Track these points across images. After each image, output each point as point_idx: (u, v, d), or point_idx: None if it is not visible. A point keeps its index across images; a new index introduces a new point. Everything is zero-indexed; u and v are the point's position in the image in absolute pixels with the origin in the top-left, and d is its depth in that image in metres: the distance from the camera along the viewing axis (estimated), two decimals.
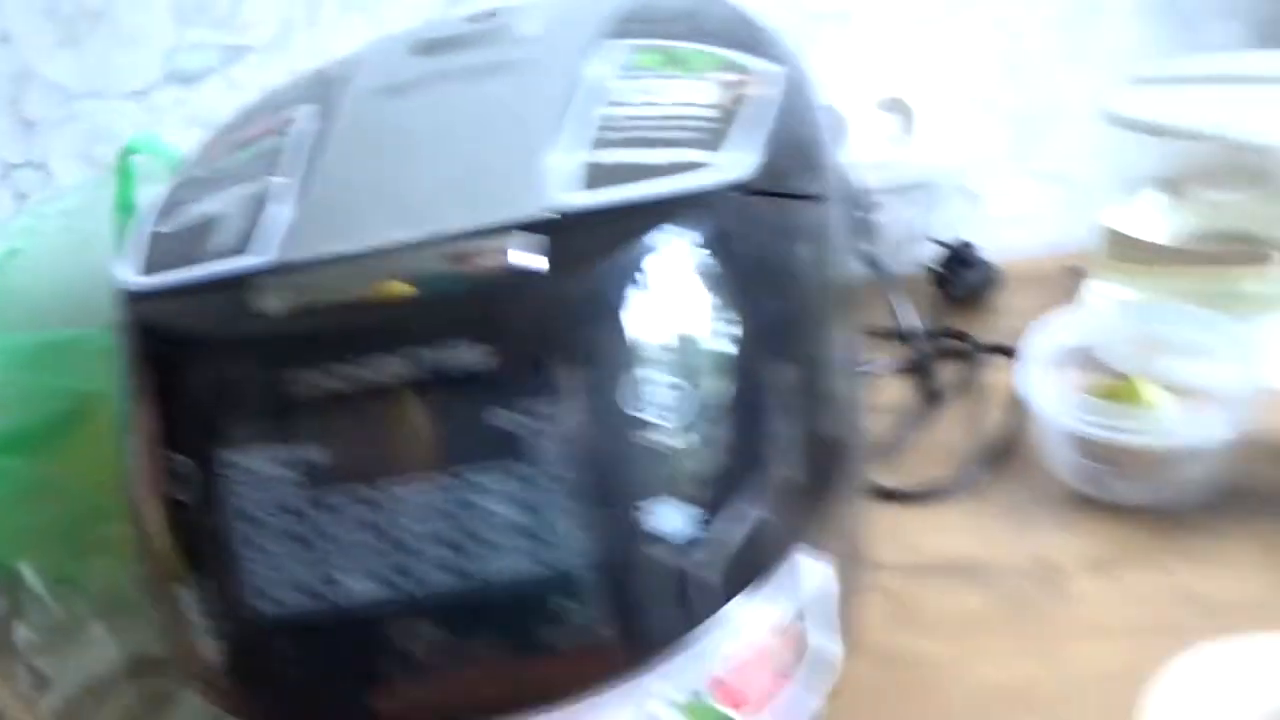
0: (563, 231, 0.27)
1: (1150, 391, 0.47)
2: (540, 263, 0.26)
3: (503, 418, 0.26)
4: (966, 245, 0.69)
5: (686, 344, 0.27)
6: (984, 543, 0.48)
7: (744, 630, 0.29)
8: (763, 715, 0.30)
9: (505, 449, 0.26)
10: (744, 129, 0.30)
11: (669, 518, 0.27)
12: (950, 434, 0.55)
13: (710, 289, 0.27)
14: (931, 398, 0.57)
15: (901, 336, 0.56)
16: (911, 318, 0.54)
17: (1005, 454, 0.52)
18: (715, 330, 0.27)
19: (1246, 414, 0.46)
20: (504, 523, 0.27)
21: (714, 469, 0.27)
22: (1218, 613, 0.41)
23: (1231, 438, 0.45)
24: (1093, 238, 0.60)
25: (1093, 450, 0.48)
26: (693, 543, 0.27)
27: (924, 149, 0.69)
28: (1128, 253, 0.57)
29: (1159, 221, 0.58)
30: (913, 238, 0.73)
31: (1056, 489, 0.50)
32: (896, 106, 0.68)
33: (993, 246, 0.72)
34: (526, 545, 0.27)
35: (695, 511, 0.27)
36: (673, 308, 0.27)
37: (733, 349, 0.27)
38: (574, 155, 0.29)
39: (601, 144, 0.30)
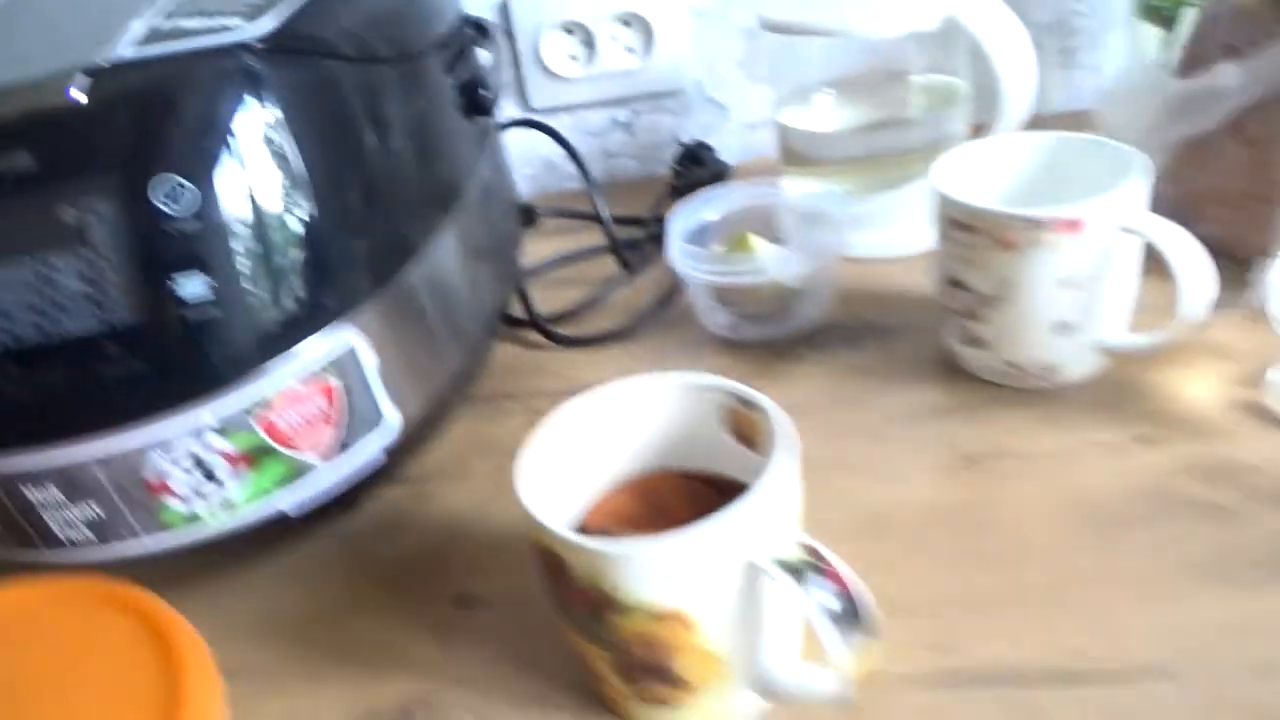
0: (111, 74, 0.36)
1: (755, 242, 0.57)
2: (83, 97, 0.35)
3: (67, 213, 0.36)
4: (702, 147, 0.78)
5: (202, 154, 0.36)
6: (624, 375, 0.58)
7: (276, 377, 0.38)
8: (310, 453, 0.40)
9: (71, 237, 0.36)
10: (284, 5, 0.39)
11: (193, 287, 0.36)
12: (638, 298, 0.65)
13: (222, 116, 0.37)
14: (625, 270, 0.67)
15: (598, 220, 0.66)
16: (604, 207, 0.65)
17: (666, 309, 0.62)
18: (225, 144, 0.37)
19: (823, 262, 0.56)
20: (74, 293, 0.36)
21: (231, 251, 0.37)
22: None
23: (810, 276, 0.55)
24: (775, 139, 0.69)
25: (721, 297, 0.58)
26: (216, 305, 0.37)
27: (665, 60, 0.78)
28: (796, 152, 0.67)
29: (827, 119, 0.67)
30: (667, 141, 0.83)
31: (699, 334, 0.60)
32: (635, 20, 0.77)
33: (739, 149, 0.82)
34: (91, 310, 0.36)
35: (213, 281, 0.36)
36: (191, 130, 0.36)
37: (241, 158, 0.37)
38: (148, 22, 0.38)
39: (172, 15, 0.39)
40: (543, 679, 0.40)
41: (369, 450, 0.42)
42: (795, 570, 0.30)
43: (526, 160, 0.85)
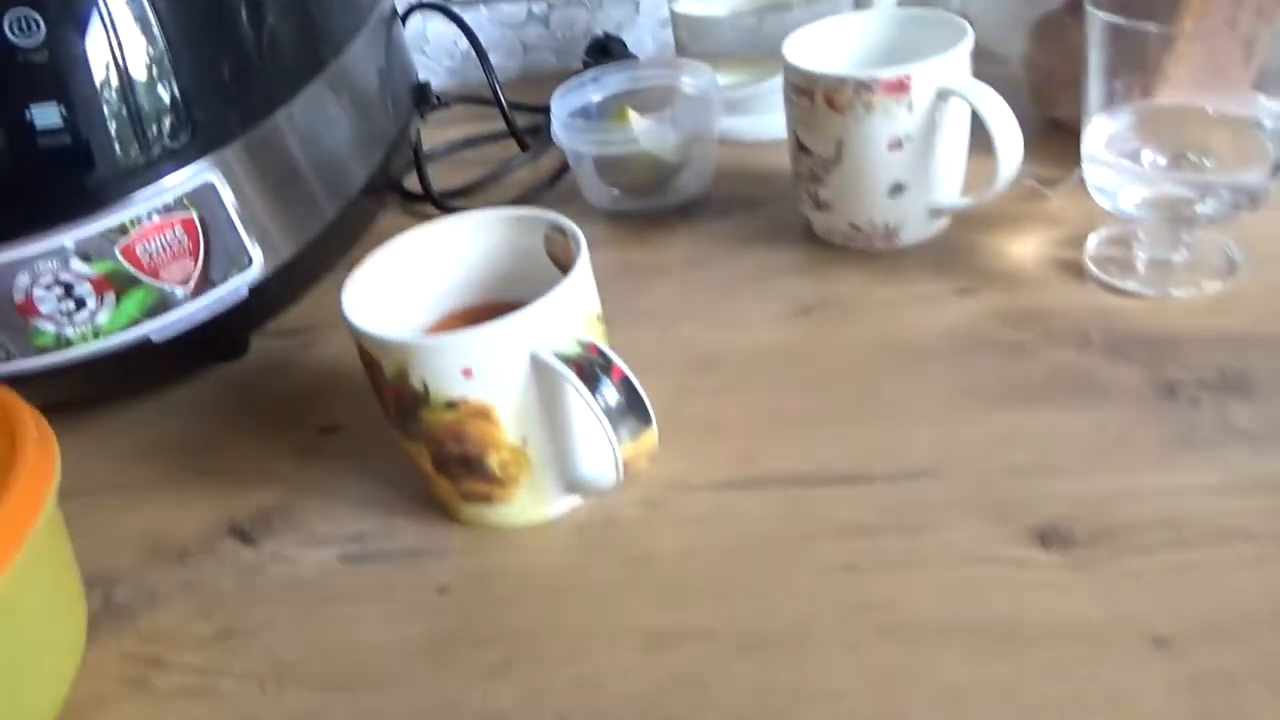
0: None
1: (631, 116, 0.60)
2: None
3: None
4: (611, 39, 0.80)
5: None
6: None
7: (134, 207, 0.41)
8: (174, 284, 0.43)
9: None
10: None
11: (46, 116, 0.39)
12: (535, 178, 0.68)
13: None
14: (524, 150, 0.70)
15: (498, 104, 0.68)
16: (499, 87, 0.67)
17: (555, 185, 0.65)
18: None
19: (698, 138, 0.58)
20: None
21: (82, 84, 0.39)
22: (627, 269, 0.55)
23: (685, 151, 0.58)
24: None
25: (603, 171, 0.61)
26: (69, 134, 0.39)
27: None
28: (687, 40, 0.69)
29: (717, 4, 0.69)
30: (582, 36, 0.85)
31: (585, 208, 0.63)
32: None
33: (651, 44, 0.84)
34: None
35: (65, 112, 0.39)
36: None
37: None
38: None
39: None
40: (390, 490, 0.44)
41: (234, 286, 0.46)
42: (577, 364, 0.34)
43: (448, 52, 0.87)
